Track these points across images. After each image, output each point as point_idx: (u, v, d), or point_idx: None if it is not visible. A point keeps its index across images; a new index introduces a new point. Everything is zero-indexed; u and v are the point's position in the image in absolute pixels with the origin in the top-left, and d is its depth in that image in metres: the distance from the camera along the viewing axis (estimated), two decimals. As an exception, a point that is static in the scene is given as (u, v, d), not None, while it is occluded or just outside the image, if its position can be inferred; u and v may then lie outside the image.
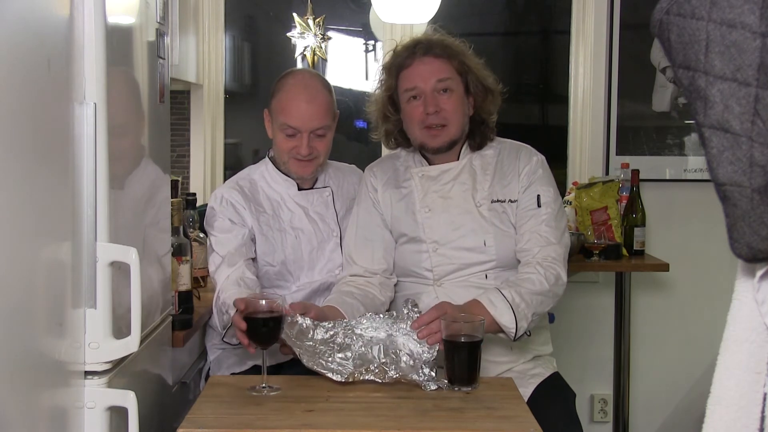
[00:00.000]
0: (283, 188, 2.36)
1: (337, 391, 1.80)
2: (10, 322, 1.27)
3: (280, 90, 2.29)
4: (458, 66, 2.16)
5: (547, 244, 2.11)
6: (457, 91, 2.16)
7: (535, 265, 2.07)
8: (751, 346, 0.89)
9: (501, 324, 1.95)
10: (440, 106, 2.13)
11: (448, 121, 2.15)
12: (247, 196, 2.33)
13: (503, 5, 3.73)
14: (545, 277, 2.05)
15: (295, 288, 2.33)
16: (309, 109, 2.24)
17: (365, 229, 2.26)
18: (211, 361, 2.39)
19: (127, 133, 1.75)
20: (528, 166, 2.20)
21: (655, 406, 3.44)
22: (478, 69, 2.20)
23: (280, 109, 2.26)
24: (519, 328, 1.97)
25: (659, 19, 0.89)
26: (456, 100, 2.15)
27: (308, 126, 2.24)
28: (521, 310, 1.97)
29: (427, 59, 2.15)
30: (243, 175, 2.41)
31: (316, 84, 2.30)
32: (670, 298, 3.40)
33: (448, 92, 2.14)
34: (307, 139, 2.24)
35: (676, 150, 3.36)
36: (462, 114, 2.17)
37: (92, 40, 1.53)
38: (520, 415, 1.67)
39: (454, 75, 2.15)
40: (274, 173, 2.37)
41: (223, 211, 2.29)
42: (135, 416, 1.59)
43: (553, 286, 2.06)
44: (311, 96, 2.26)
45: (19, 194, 1.30)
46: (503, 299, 1.96)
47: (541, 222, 2.14)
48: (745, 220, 0.84)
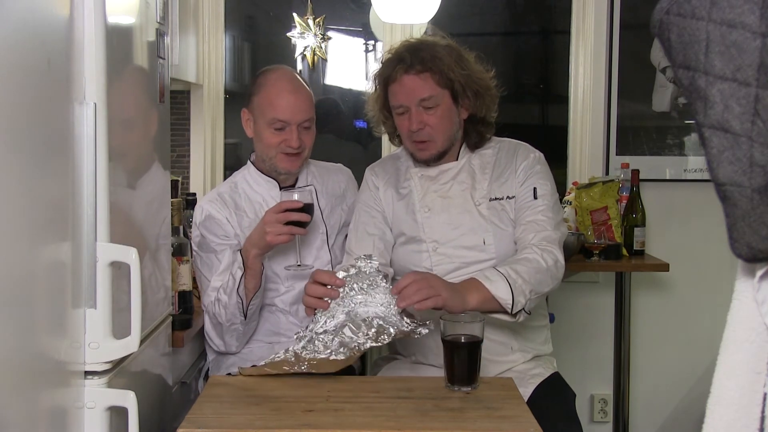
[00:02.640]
0: (264, 189, 2.37)
1: (337, 391, 1.80)
2: (10, 322, 1.27)
3: (263, 86, 2.30)
4: (440, 80, 2.12)
5: (543, 230, 2.11)
6: (442, 104, 2.14)
7: (531, 247, 2.07)
8: (751, 346, 0.89)
9: (497, 297, 1.92)
10: (425, 123, 2.13)
11: (432, 137, 2.16)
12: (228, 204, 2.33)
13: (503, 5, 3.73)
14: (542, 257, 2.04)
15: (284, 289, 2.33)
16: (297, 101, 2.26)
17: (366, 224, 2.26)
18: (210, 361, 2.39)
19: (127, 133, 1.74)
20: (525, 162, 2.20)
21: (655, 406, 3.44)
22: (467, 75, 2.15)
23: (267, 104, 2.27)
24: (516, 302, 1.94)
25: (659, 19, 0.89)
26: (441, 115, 2.14)
27: (297, 118, 2.26)
28: (518, 285, 1.94)
29: (409, 78, 2.12)
30: (225, 182, 2.46)
31: (296, 78, 2.35)
32: (670, 298, 3.40)
33: (432, 108, 2.13)
34: (296, 132, 2.26)
35: (676, 150, 3.36)
36: (449, 126, 2.16)
37: (92, 40, 1.53)
38: (520, 415, 1.67)
39: (437, 90, 2.12)
40: (256, 175, 2.38)
41: (207, 228, 2.30)
42: (135, 416, 1.59)
43: (551, 266, 2.04)
44: (296, 88, 2.29)
45: (19, 194, 1.30)
46: (499, 274, 1.95)
47: (537, 212, 2.14)
48: (745, 220, 0.84)
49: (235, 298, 2.17)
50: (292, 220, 2.13)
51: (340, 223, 2.42)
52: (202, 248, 2.31)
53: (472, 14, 3.64)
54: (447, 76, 2.12)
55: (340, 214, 2.43)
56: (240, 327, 2.23)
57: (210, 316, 2.26)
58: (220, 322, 2.23)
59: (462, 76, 2.14)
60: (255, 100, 2.30)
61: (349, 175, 2.54)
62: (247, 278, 2.17)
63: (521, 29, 3.79)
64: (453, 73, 2.13)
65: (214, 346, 2.30)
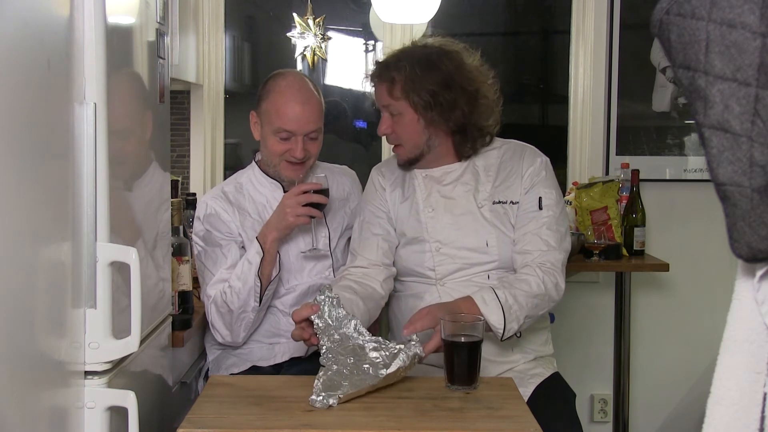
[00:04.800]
0: (268, 191, 2.36)
1: (337, 391, 1.80)
2: (10, 322, 1.27)
3: (271, 92, 2.28)
4: (396, 92, 2.13)
5: (548, 249, 2.11)
6: (404, 113, 2.14)
7: (534, 268, 2.07)
8: (751, 346, 0.89)
9: (489, 323, 1.95)
10: (391, 128, 2.18)
11: (398, 141, 2.20)
12: (232, 203, 2.33)
13: (503, 5, 3.73)
14: (543, 281, 2.05)
15: (284, 291, 2.33)
16: (304, 112, 2.24)
17: (371, 224, 2.26)
18: (210, 361, 2.39)
19: (127, 133, 1.74)
20: (532, 168, 2.19)
21: (655, 406, 3.44)
22: (432, 90, 2.10)
23: (274, 112, 2.25)
24: (508, 329, 1.98)
25: (659, 19, 0.89)
26: (404, 123, 2.16)
27: (304, 129, 2.24)
28: (513, 312, 1.97)
29: (377, 84, 2.19)
30: (230, 180, 2.43)
31: (307, 86, 2.31)
32: (670, 298, 3.40)
33: (396, 116, 2.16)
34: (302, 143, 2.25)
35: (676, 150, 3.36)
36: (413, 134, 2.17)
37: (92, 40, 1.53)
38: (520, 415, 1.67)
39: (392, 101, 2.15)
40: (261, 177, 2.38)
41: (211, 224, 2.30)
42: (135, 416, 1.59)
43: (551, 290, 2.06)
44: (305, 98, 2.26)
45: (19, 194, 1.30)
46: (495, 299, 1.97)
47: (542, 225, 2.13)
48: (745, 220, 0.84)
49: (252, 282, 2.18)
50: (311, 202, 2.18)
51: (342, 226, 2.42)
52: (207, 242, 2.30)
53: (472, 14, 3.64)
54: (404, 89, 2.12)
55: (343, 217, 2.43)
56: (251, 314, 2.22)
57: (218, 305, 2.25)
58: (231, 310, 2.22)
59: (426, 90, 2.11)
60: (263, 105, 2.29)
61: (354, 178, 2.53)
62: (263, 264, 2.18)
63: (521, 29, 3.79)
64: (413, 86, 2.11)
65: (219, 337, 2.29)
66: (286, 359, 2.32)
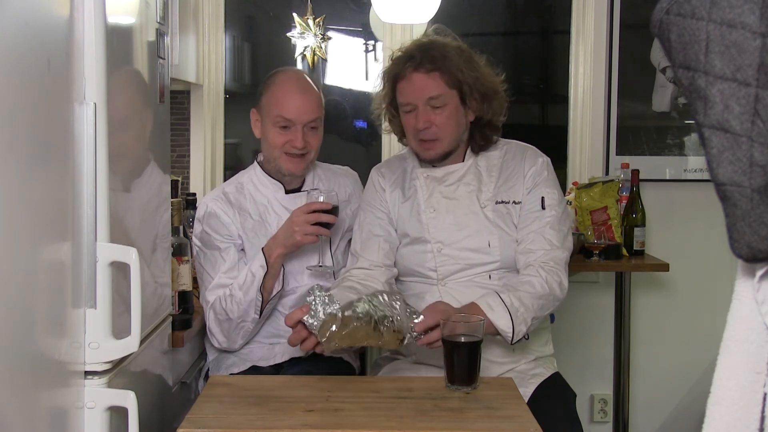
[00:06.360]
0: (270, 191, 2.36)
1: (337, 391, 1.80)
2: (10, 322, 1.27)
3: (271, 86, 2.30)
4: (449, 80, 2.12)
5: (551, 248, 2.11)
6: (450, 104, 2.13)
7: (537, 268, 2.07)
8: (751, 346, 0.89)
9: (498, 328, 1.95)
10: (432, 122, 2.13)
11: (439, 136, 2.15)
12: (233, 204, 2.33)
13: (503, 5, 3.73)
14: (546, 281, 2.04)
15: (285, 292, 2.33)
16: (303, 101, 2.26)
17: (372, 225, 2.26)
18: (210, 361, 2.39)
19: (127, 133, 1.74)
20: (534, 168, 2.19)
21: (655, 406, 3.44)
22: (476, 77, 2.15)
23: (273, 102, 2.27)
24: (517, 332, 1.97)
25: (659, 19, 0.89)
26: (448, 115, 2.14)
27: (303, 118, 2.25)
28: (520, 314, 1.97)
29: (418, 76, 2.12)
30: (231, 180, 2.44)
31: (306, 78, 2.35)
32: (670, 298, 3.40)
33: (440, 108, 2.13)
34: (301, 132, 2.25)
35: (676, 150, 3.36)
36: (455, 126, 2.16)
37: (92, 40, 1.53)
38: (520, 415, 1.67)
39: (446, 90, 2.12)
40: (262, 177, 2.38)
41: (211, 226, 2.30)
42: (135, 416, 1.59)
43: (555, 290, 2.06)
44: (304, 88, 2.29)
45: (19, 194, 1.30)
46: (501, 303, 1.96)
47: (545, 224, 2.13)
48: (745, 220, 0.84)
49: (254, 295, 2.18)
50: (320, 222, 2.18)
51: (343, 227, 2.42)
52: (206, 245, 2.31)
53: (472, 14, 3.63)
54: (456, 77, 2.12)
55: (344, 219, 2.43)
56: (250, 325, 2.23)
57: (216, 312, 2.25)
58: (230, 318, 2.22)
59: (471, 78, 2.14)
60: (263, 100, 2.31)
61: (356, 179, 2.53)
62: (266, 278, 2.18)
63: (521, 29, 3.79)
64: (462, 74, 2.12)
65: (216, 342, 2.30)
66: (286, 359, 2.32)
